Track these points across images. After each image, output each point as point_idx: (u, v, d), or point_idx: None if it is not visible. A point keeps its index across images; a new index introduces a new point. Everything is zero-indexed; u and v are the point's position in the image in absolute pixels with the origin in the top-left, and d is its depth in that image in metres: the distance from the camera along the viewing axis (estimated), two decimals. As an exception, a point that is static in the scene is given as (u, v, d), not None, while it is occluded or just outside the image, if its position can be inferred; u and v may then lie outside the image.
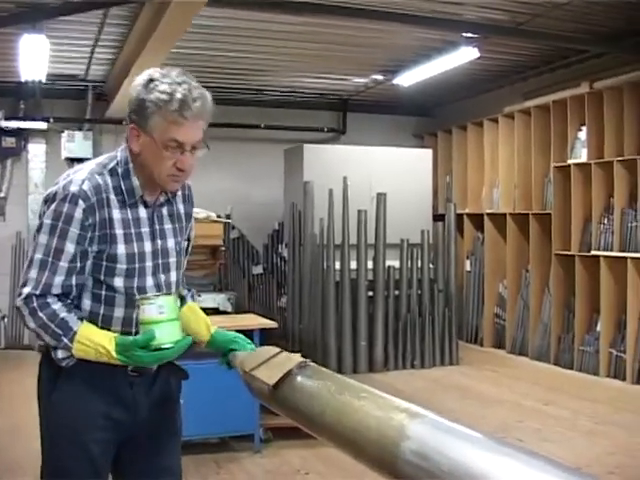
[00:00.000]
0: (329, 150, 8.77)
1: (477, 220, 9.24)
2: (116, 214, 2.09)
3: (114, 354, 1.99)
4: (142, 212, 2.16)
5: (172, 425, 2.33)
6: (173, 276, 2.25)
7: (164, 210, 2.23)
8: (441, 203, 9.76)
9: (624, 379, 6.91)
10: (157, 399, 2.25)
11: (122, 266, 2.11)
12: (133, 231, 2.13)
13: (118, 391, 2.15)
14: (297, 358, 2.06)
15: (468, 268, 9.27)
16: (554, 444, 5.12)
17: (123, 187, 2.11)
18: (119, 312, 2.13)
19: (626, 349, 6.92)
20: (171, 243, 2.23)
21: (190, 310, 2.35)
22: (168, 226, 2.23)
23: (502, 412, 5.99)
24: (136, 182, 2.12)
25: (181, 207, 2.30)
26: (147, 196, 2.16)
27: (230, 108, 9.49)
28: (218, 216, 6.40)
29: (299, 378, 1.96)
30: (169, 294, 2.09)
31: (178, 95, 2.00)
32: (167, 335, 2.01)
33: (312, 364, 2.04)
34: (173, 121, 2.01)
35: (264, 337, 4.91)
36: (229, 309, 6.46)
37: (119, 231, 2.10)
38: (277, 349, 2.17)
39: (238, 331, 2.39)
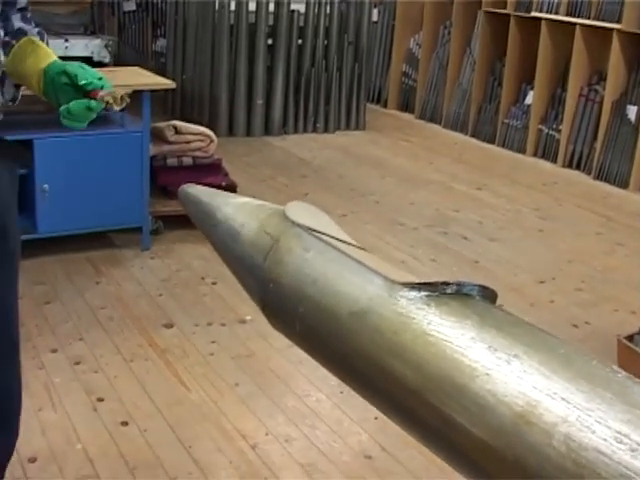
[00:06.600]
0: None
1: (390, -38, 7.95)
2: None
3: None
4: None
5: None
6: None
7: None
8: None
9: (554, 161, 6.17)
10: None
11: None
12: None
13: None
14: None
15: (375, 18, 8.08)
16: (504, 245, 4.37)
17: None
18: None
19: (560, 128, 6.14)
20: None
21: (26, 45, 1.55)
22: None
23: (432, 197, 5.15)
24: None
25: None
26: None
27: None
28: None
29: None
30: None
31: None
32: None
33: None
34: None
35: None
36: (107, 59, 5.13)
37: None
38: None
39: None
